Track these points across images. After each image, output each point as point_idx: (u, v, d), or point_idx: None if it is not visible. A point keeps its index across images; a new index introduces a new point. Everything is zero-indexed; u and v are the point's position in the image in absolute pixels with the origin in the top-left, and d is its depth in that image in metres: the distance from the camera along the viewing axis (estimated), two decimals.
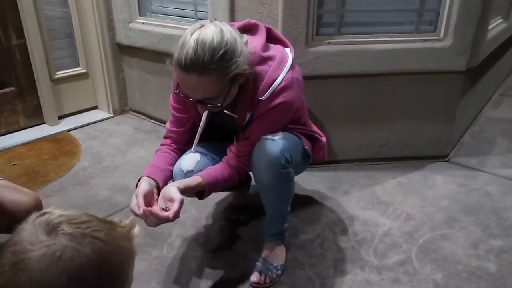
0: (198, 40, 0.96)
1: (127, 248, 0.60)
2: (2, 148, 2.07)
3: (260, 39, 1.15)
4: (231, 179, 1.18)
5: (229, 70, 1.00)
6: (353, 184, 1.81)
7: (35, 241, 0.52)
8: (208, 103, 1.06)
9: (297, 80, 1.15)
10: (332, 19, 1.75)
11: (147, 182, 1.11)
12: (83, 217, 0.57)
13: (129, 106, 2.58)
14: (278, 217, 1.28)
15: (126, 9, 2.23)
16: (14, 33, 2.11)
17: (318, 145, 1.35)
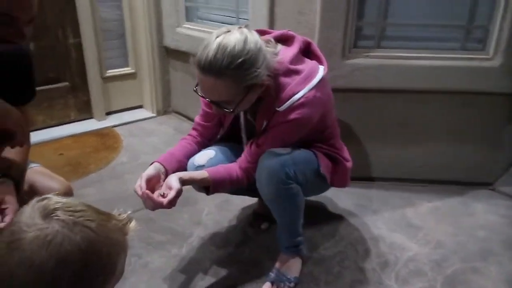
0: (220, 44, 0.99)
1: (118, 241, 0.62)
2: (52, 138, 2.23)
3: (292, 51, 1.16)
4: (239, 181, 1.19)
5: (245, 79, 1.02)
6: (384, 204, 1.74)
7: (31, 223, 0.55)
8: (222, 106, 1.08)
9: (319, 99, 1.13)
10: (372, 32, 1.71)
11: (154, 167, 1.16)
12: (79, 206, 0.59)
13: (172, 108, 2.67)
14: (287, 231, 1.27)
15: (174, 14, 2.32)
16: (71, 33, 2.28)
17: (340, 168, 1.31)
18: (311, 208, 1.69)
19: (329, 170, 1.27)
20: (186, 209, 1.66)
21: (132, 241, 1.43)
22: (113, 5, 2.40)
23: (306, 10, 1.66)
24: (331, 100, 1.24)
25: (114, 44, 2.49)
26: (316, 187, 1.29)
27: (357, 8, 1.64)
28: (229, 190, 1.31)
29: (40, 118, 2.30)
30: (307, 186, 1.20)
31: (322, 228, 1.56)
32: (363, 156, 1.86)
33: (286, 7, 1.71)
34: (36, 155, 2.03)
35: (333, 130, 1.30)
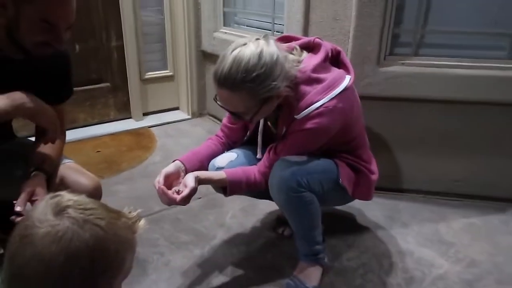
0: (235, 58, 1.01)
1: (126, 239, 0.64)
2: (92, 136, 2.33)
3: (317, 59, 1.15)
4: (256, 184, 1.19)
5: (260, 92, 1.04)
6: (414, 217, 1.67)
7: (43, 219, 0.58)
8: (239, 116, 1.11)
9: (340, 110, 1.11)
10: (409, 39, 1.65)
11: (175, 165, 1.20)
12: (90, 204, 0.62)
13: (207, 110, 2.72)
14: (303, 238, 1.25)
15: (213, 19, 2.37)
16: (114, 36, 2.38)
17: (363, 180, 1.27)
18: (337, 217, 1.66)
19: (351, 181, 1.24)
20: (211, 211, 1.68)
21: (157, 240, 1.48)
22: (155, 9, 2.49)
23: (341, 16, 1.64)
24: (357, 110, 1.21)
25: (154, 47, 2.58)
26: (336, 197, 1.27)
27: (394, 14, 1.60)
28: (251, 193, 1.31)
29: (82, 116, 2.42)
30: (324, 195, 1.18)
31: (347, 238, 1.52)
32: (395, 166, 1.80)
33: (321, 13, 1.70)
34: (75, 151, 2.14)
35: (360, 141, 1.26)
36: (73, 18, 1.02)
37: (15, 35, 1.00)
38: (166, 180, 1.15)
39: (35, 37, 0.99)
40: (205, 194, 1.73)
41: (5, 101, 0.97)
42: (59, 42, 1.02)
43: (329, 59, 1.19)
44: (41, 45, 1.02)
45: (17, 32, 0.99)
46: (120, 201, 1.70)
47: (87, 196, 1.13)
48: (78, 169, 1.25)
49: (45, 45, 1.02)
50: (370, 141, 1.35)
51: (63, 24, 1.01)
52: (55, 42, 1.02)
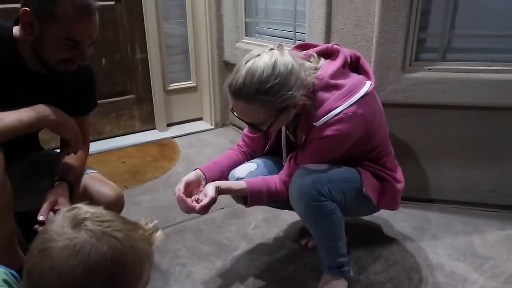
0: (249, 70, 1.01)
1: (143, 251, 0.63)
2: (117, 147, 2.37)
3: (335, 65, 1.12)
4: (277, 193, 1.17)
5: (275, 103, 1.03)
6: (446, 229, 1.60)
7: (61, 232, 0.58)
8: (256, 127, 1.10)
9: (361, 116, 1.08)
10: (435, 44, 1.60)
11: (196, 174, 1.20)
12: (107, 216, 0.61)
13: (230, 120, 2.72)
14: (326, 250, 1.20)
15: (235, 29, 2.38)
16: (139, 49, 2.43)
17: (389, 189, 1.23)
18: (362, 228, 1.60)
19: (376, 190, 1.20)
20: (234, 221, 1.66)
21: (179, 250, 1.47)
22: (178, 22, 2.53)
23: (363, 23, 1.60)
24: (379, 117, 1.17)
25: (178, 59, 2.61)
26: (360, 207, 1.22)
27: (419, 19, 1.55)
28: (273, 203, 1.29)
29: (108, 128, 2.47)
30: (347, 205, 1.14)
31: (373, 251, 1.47)
32: (423, 176, 1.73)
33: (343, 20, 1.67)
34: (101, 162, 2.18)
35: (384, 149, 1.22)
36: (95, 34, 1.05)
37: (40, 52, 1.03)
38: (187, 189, 1.15)
39: (59, 54, 1.03)
40: (227, 205, 1.71)
41: (29, 113, 0.99)
42: (82, 58, 1.05)
43: (349, 65, 1.17)
44: (65, 62, 1.05)
45: (42, 49, 1.02)
46: (143, 212, 1.71)
47: (110, 205, 1.14)
48: (101, 179, 1.26)
49: (69, 62, 1.05)
50: (396, 149, 1.31)
51: (87, 41, 1.04)
52: (78, 59, 1.05)
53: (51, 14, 0.97)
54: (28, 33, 1.01)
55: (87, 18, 1.00)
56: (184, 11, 2.52)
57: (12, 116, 0.97)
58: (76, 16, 0.98)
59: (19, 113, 0.98)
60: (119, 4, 2.31)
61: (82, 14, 0.99)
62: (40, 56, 1.04)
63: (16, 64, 1.06)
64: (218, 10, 2.44)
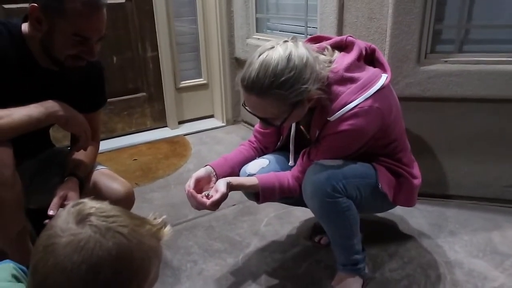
0: (263, 62, 0.97)
1: (151, 247, 0.61)
2: (129, 145, 2.38)
3: (350, 57, 1.09)
4: (290, 189, 1.14)
5: (289, 97, 1.00)
6: (464, 225, 1.55)
7: (65, 228, 0.56)
8: (269, 121, 1.07)
9: (377, 110, 1.04)
10: (452, 36, 1.55)
11: (205, 169, 1.18)
12: (113, 211, 0.60)
13: (241, 117, 2.70)
14: (340, 247, 1.18)
15: (245, 26, 2.36)
16: (149, 47, 2.42)
17: (405, 185, 1.19)
18: (377, 224, 1.57)
19: (392, 186, 1.16)
20: (246, 218, 1.64)
21: (191, 247, 1.46)
22: (188, 19, 2.52)
23: (377, 15, 1.57)
24: (395, 111, 1.13)
25: (189, 57, 2.60)
26: (375, 204, 1.19)
27: (435, 10, 1.51)
28: (286, 200, 1.26)
29: (120, 126, 2.47)
30: (362, 202, 1.11)
31: (388, 247, 1.43)
32: (440, 171, 1.69)
33: (355, 13, 1.64)
34: (113, 159, 2.19)
35: (400, 144, 1.18)
36: (103, 30, 1.04)
37: (49, 48, 1.03)
38: (197, 185, 1.14)
39: (68, 50, 1.02)
40: (239, 201, 1.70)
41: (38, 109, 0.99)
42: (91, 54, 1.05)
43: (364, 58, 1.13)
44: (74, 58, 1.04)
45: (51, 45, 1.02)
46: (155, 209, 1.70)
47: (120, 201, 1.13)
48: (111, 175, 1.26)
49: (78, 58, 1.05)
50: (411, 144, 1.27)
51: (95, 37, 1.03)
52: (87, 55, 1.05)
53: (59, 10, 0.97)
54: (37, 29, 1.01)
55: (95, 14, 1.00)
56: (194, 8, 2.50)
57: (21, 111, 0.97)
58: (84, 12, 0.98)
59: (28, 109, 0.98)
60: (130, 2, 2.31)
61: (90, 9, 0.98)
62: (49, 52, 1.04)
63: (25, 60, 1.06)
64: (228, 7, 2.42)
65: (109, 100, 2.31)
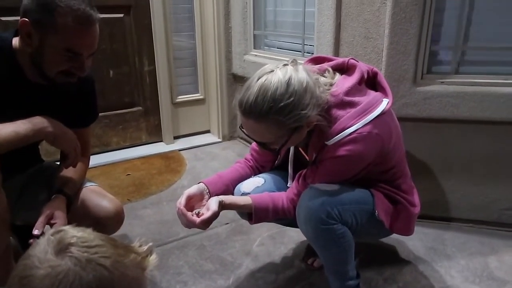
0: (261, 87, 0.95)
1: (134, 278, 0.58)
2: (123, 159, 2.35)
3: (351, 81, 1.06)
4: (284, 211, 1.11)
5: (288, 123, 0.98)
6: (460, 249, 1.52)
7: (43, 259, 0.53)
8: (267, 146, 1.05)
9: (376, 137, 1.01)
10: (448, 57, 1.55)
11: (198, 187, 1.15)
12: (95, 240, 0.57)
13: (237, 133, 2.69)
14: (334, 273, 1.14)
15: (243, 42, 2.37)
16: (147, 61, 2.42)
17: (403, 214, 1.16)
18: (372, 247, 1.53)
19: (389, 214, 1.13)
20: (238, 238, 1.61)
21: (181, 267, 1.42)
22: (186, 34, 2.52)
23: (373, 34, 1.56)
24: (396, 137, 1.10)
25: (186, 72, 2.60)
26: (371, 231, 1.16)
27: (431, 31, 1.51)
28: (280, 221, 1.24)
29: (115, 140, 2.45)
30: (358, 228, 1.08)
31: (383, 271, 1.40)
32: (436, 193, 1.66)
33: (352, 32, 1.64)
34: (106, 174, 2.16)
35: (399, 170, 1.16)
36: (95, 45, 1.03)
37: (40, 64, 1.01)
38: (188, 202, 1.10)
39: (58, 66, 1.01)
40: (232, 220, 1.66)
41: (26, 126, 0.97)
42: (81, 70, 1.03)
43: (365, 81, 1.10)
44: (65, 74, 1.02)
45: (42, 60, 1.00)
46: (146, 226, 1.67)
47: (109, 219, 1.09)
48: (100, 192, 1.23)
49: (68, 74, 1.03)
50: (408, 165, 1.25)
51: (87, 53, 1.02)
52: (78, 70, 1.03)
53: (50, 25, 0.95)
54: (27, 44, 0.99)
55: (87, 29, 0.98)
56: (192, 24, 2.51)
57: (8, 128, 0.95)
58: (76, 28, 0.96)
59: (15, 125, 0.96)
60: (128, 16, 2.31)
61: (82, 25, 0.97)
62: (40, 68, 1.02)
63: (15, 75, 1.05)
64: (227, 23, 2.43)
65: (104, 114, 2.33)
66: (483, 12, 1.48)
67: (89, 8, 0.98)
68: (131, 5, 2.30)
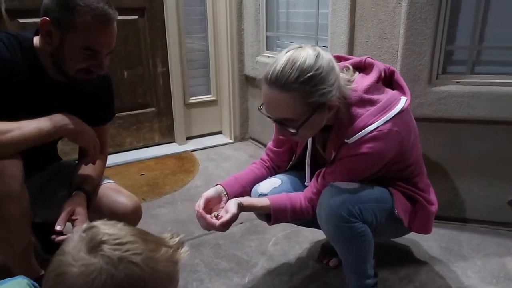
0: (290, 58, 0.95)
1: (166, 273, 0.59)
2: (137, 159, 2.37)
3: (369, 79, 1.07)
4: (302, 211, 1.11)
5: (312, 96, 0.96)
6: (477, 250, 1.51)
7: (77, 257, 0.54)
8: (285, 125, 1.02)
9: (396, 134, 1.01)
10: (464, 57, 1.54)
11: (215, 189, 1.15)
12: (127, 236, 0.57)
13: (249, 134, 2.70)
14: (353, 271, 1.14)
15: (256, 44, 2.38)
16: (160, 62, 2.45)
17: (421, 212, 1.16)
18: (388, 247, 1.53)
19: (408, 212, 1.13)
20: (253, 237, 1.61)
21: (197, 265, 1.43)
22: (199, 36, 2.55)
23: (388, 35, 1.57)
24: (414, 135, 1.10)
25: (198, 73, 2.62)
26: (390, 229, 1.16)
27: (447, 31, 1.51)
28: (297, 221, 1.24)
29: (128, 140, 2.48)
30: (377, 227, 1.08)
31: (399, 271, 1.39)
32: (451, 194, 1.65)
33: (366, 33, 1.64)
34: (121, 174, 2.18)
35: (416, 168, 1.16)
36: (113, 44, 1.05)
37: (60, 62, 1.03)
38: (207, 205, 1.11)
39: (78, 64, 1.02)
40: (247, 219, 1.67)
41: (47, 123, 0.99)
42: (100, 68, 1.05)
43: (382, 80, 1.11)
44: (84, 72, 1.04)
45: (62, 59, 1.02)
46: (161, 225, 1.68)
47: (127, 215, 1.10)
48: (118, 189, 1.25)
49: (88, 72, 1.05)
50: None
51: (105, 51, 1.03)
52: (96, 68, 1.04)
53: (70, 23, 0.97)
54: (48, 43, 1.01)
55: (106, 28, 1.00)
56: (205, 26, 2.54)
57: (31, 124, 0.97)
58: (95, 26, 0.98)
59: (38, 122, 0.98)
60: (142, 18, 2.34)
61: (101, 23, 0.99)
62: (60, 66, 1.04)
63: (36, 73, 1.07)
64: (239, 25, 2.45)
65: (118, 115, 2.35)
66: (499, 11, 1.47)
67: (107, 6, 0.99)
68: (145, 7, 2.33)
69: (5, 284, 0.67)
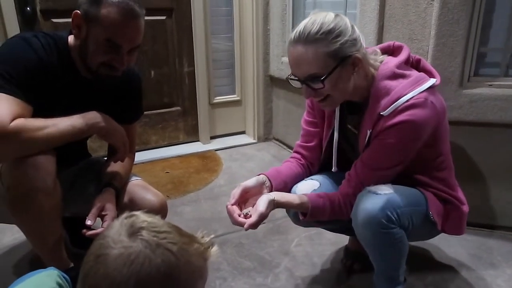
0: (312, 17, 1.00)
1: (197, 267, 0.60)
2: (162, 157, 2.41)
3: (399, 58, 1.08)
4: (341, 210, 1.08)
5: (334, 45, 0.98)
6: (506, 258, 1.46)
7: (117, 239, 0.56)
8: (312, 84, 1.01)
9: (431, 104, 1.00)
10: (497, 59, 1.50)
11: (257, 180, 1.13)
12: (164, 227, 0.59)
13: (273, 135, 2.70)
14: (384, 278, 1.12)
15: (281, 44, 2.38)
16: (186, 62, 2.48)
17: (454, 213, 1.14)
18: (413, 253, 1.48)
19: (440, 214, 1.11)
20: (276, 237, 1.61)
21: (220, 264, 1.45)
22: (225, 37, 2.56)
23: (418, 36, 1.54)
24: (446, 116, 1.09)
25: (224, 73, 2.64)
26: (422, 232, 1.14)
27: (480, 33, 1.47)
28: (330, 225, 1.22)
29: (154, 139, 2.52)
30: (415, 232, 1.06)
31: (425, 277, 1.37)
32: (481, 199, 1.61)
33: (396, 34, 1.62)
34: (146, 171, 2.22)
35: (446, 160, 1.13)
36: (138, 40, 1.05)
37: (85, 55, 1.05)
38: (244, 195, 1.08)
39: (99, 56, 1.03)
40: (269, 220, 1.65)
41: (80, 120, 1.02)
42: (121, 63, 1.04)
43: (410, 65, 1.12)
44: (106, 66, 1.05)
45: (86, 51, 1.04)
46: (185, 222, 1.70)
47: (154, 212, 1.13)
48: (145, 186, 1.27)
49: (110, 67, 1.05)
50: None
51: (126, 45, 1.03)
52: (116, 63, 1.04)
53: (95, 16, 0.99)
54: (77, 36, 1.04)
55: (129, 22, 1.01)
56: (231, 26, 2.55)
57: (65, 122, 1.00)
58: (117, 18, 0.99)
59: (71, 119, 1.01)
60: (170, 19, 2.38)
61: (124, 17, 1.00)
62: (84, 60, 1.05)
63: (70, 71, 1.10)
64: (265, 25, 2.45)
65: (144, 113, 2.38)
66: None
67: (133, 2, 1.01)
68: (173, 8, 2.36)
69: (37, 274, 0.70)
